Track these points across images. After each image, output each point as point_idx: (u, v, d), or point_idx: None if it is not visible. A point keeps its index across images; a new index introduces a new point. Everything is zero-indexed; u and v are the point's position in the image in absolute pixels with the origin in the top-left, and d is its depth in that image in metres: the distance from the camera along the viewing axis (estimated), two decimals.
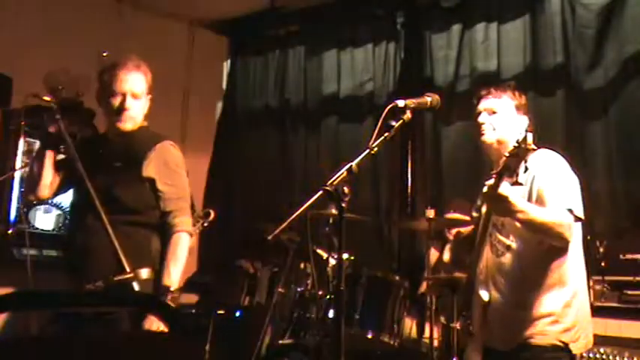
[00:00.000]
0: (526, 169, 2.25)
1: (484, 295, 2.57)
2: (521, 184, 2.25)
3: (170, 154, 2.77)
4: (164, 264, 2.63)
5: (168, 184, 2.71)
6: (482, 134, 2.63)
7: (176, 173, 2.76)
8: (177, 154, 2.80)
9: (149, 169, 2.69)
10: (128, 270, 2.42)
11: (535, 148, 2.56)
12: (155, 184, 2.69)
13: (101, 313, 2.36)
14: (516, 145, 2.15)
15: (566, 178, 2.48)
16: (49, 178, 2.71)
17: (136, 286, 2.46)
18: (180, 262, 2.65)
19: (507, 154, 2.20)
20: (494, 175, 2.27)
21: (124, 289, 2.42)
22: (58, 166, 2.74)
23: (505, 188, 2.24)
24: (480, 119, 2.65)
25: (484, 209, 2.56)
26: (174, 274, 2.62)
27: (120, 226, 2.52)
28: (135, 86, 2.68)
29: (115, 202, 2.60)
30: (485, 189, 2.30)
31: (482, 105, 2.66)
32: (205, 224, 4.02)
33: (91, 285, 2.52)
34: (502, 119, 2.61)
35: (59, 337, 1.38)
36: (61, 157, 2.72)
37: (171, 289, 2.58)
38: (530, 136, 2.14)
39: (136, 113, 2.71)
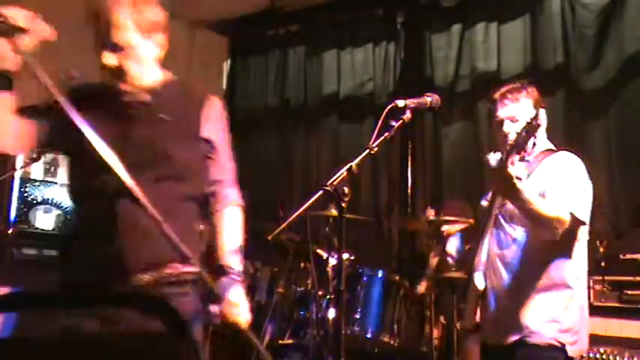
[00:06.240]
0: (534, 144, 2.27)
1: (479, 283, 2.55)
2: (527, 161, 2.24)
3: (221, 112, 2.22)
4: (224, 241, 2.14)
5: (224, 147, 2.21)
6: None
7: (226, 135, 2.24)
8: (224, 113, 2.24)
9: (208, 128, 2.13)
10: (191, 259, 1.89)
11: (554, 148, 2.58)
12: (213, 146, 2.15)
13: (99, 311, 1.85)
14: (528, 121, 2.17)
15: (576, 181, 2.46)
16: (10, 124, 1.99)
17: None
18: (240, 241, 2.17)
19: (518, 132, 2.19)
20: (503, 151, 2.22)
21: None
22: (35, 112, 2.08)
23: (513, 168, 2.17)
24: (505, 129, 2.55)
25: (491, 199, 2.58)
26: (238, 253, 2.13)
27: (169, 199, 1.92)
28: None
29: (165, 162, 1.99)
30: (493, 162, 2.24)
31: (503, 113, 2.57)
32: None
33: (132, 280, 1.89)
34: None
35: (57, 338, 1.37)
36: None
37: (240, 270, 2.11)
38: (542, 113, 2.26)
39: (134, 73, 2.06)
